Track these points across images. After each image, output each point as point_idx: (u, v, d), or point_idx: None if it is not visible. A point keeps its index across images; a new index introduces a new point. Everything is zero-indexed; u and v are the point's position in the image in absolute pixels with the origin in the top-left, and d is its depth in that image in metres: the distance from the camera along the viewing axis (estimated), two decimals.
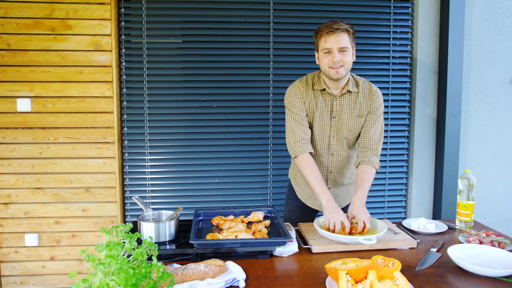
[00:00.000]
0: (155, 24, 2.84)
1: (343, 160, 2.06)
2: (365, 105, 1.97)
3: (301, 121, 1.94)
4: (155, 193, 2.94)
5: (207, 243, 1.53)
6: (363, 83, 2.00)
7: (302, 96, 1.95)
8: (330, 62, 1.81)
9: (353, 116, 1.97)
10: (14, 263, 2.85)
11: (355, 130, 2.00)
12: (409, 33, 3.00)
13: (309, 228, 1.85)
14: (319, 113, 1.97)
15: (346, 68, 1.83)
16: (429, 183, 3.06)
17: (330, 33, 1.78)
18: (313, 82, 1.97)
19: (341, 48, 1.80)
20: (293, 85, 1.99)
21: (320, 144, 2.02)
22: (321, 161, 2.06)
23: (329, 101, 1.96)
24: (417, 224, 1.93)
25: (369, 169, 1.92)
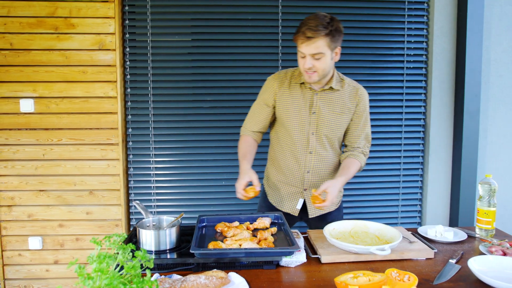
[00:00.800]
0: (160, 22, 2.77)
1: (322, 160, 1.94)
2: (350, 103, 1.89)
3: (262, 112, 1.94)
4: (160, 196, 2.86)
5: (209, 252, 1.44)
6: (350, 82, 1.93)
7: (273, 88, 1.90)
8: (303, 66, 1.75)
9: (335, 113, 1.88)
10: (17, 266, 2.81)
11: (337, 128, 1.90)
12: (424, 29, 2.87)
13: (318, 236, 1.75)
14: (296, 108, 1.88)
15: (320, 74, 1.76)
16: (446, 187, 2.93)
17: (305, 40, 1.68)
18: (292, 75, 1.91)
19: (315, 55, 1.71)
20: (271, 76, 1.96)
21: (298, 141, 1.91)
22: (298, 159, 1.94)
23: (308, 95, 1.87)
24: (434, 232, 1.82)
25: (354, 161, 1.89)
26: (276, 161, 2.03)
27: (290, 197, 2.02)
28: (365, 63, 2.87)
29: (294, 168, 1.95)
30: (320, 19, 1.68)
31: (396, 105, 2.91)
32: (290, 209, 2.02)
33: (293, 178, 1.98)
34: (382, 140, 2.93)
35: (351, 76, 2.83)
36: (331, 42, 1.70)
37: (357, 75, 2.87)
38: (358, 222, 1.79)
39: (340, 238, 1.69)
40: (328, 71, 1.78)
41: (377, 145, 2.93)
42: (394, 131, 2.93)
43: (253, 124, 1.96)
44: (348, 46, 2.84)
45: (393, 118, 2.92)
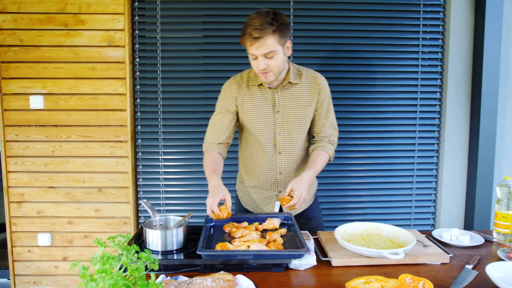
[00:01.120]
0: (170, 19, 2.74)
1: (294, 159, 1.89)
2: (311, 94, 1.84)
3: (225, 120, 1.84)
4: (169, 194, 2.84)
5: (216, 254, 1.40)
6: (307, 71, 1.87)
7: (232, 93, 1.83)
8: (257, 68, 1.69)
9: (299, 107, 1.82)
10: (27, 263, 2.81)
11: (304, 122, 1.85)
12: (440, 26, 2.78)
13: (329, 238, 1.70)
14: (257, 110, 1.82)
15: (275, 72, 1.70)
16: (461, 188, 2.85)
17: (253, 41, 1.61)
18: (249, 77, 1.84)
19: (267, 54, 1.64)
20: (226, 82, 1.88)
21: (266, 143, 1.85)
22: (268, 162, 1.88)
23: (269, 95, 1.82)
24: (449, 236, 1.75)
25: (321, 153, 1.84)
26: (247, 166, 1.98)
27: (266, 202, 1.98)
28: (378, 61, 2.79)
29: (266, 171, 1.90)
30: (263, 16, 1.60)
31: (410, 104, 2.83)
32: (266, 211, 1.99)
33: (266, 182, 1.93)
34: (396, 140, 2.86)
35: (364, 74, 2.80)
36: (280, 38, 1.64)
37: (370, 73, 2.80)
38: (371, 224, 1.74)
39: (351, 240, 1.64)
40: (283, 67, 1.73)
41: (390, 144, 2.86)
42: (408, 130, 2.86)
43: (216, 135, 1.84)
44: (361, 43, 2.77)
45: (407, 117, 2.85)
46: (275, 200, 1.96)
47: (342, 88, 2.81)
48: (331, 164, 2.83)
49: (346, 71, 2.81)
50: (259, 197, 1.98)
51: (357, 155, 2.87)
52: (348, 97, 2.82)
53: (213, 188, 1.65)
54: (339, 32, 2.77)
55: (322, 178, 2.86)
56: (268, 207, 1.98)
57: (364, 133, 2.85)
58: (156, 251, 1.52)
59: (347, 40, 2.78)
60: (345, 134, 2.83)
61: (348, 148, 2.86)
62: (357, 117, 2.83)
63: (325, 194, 2.88)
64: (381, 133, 2.85)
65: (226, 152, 1.89)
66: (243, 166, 2.02)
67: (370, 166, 2.88)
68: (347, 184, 2.88)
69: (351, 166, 2.88)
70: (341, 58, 2.80)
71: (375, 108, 2.83)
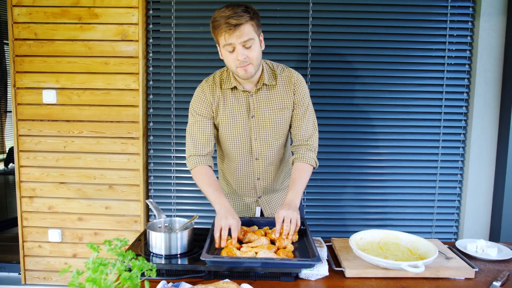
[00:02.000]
0: (185, 13, 2.67)
1: (272, 164, 1.80)
2: (287, 95, 1.71)
3: (205, 127, 1.71)
4: (180, 193, 2.77)
5: (221, 261, 1.31)
6: (282, 71, 1.73)
7: (207, 98, 1.70)
8: (235, 61, 1.55)
9: (275, 110, 1.71)
10: (37, 258, 2.80)
11: (281, 126, 1.74)
12: (469, 22, 2.62)
13: (344, 246, 1.60)
14: (231, 115, 1.70)
15: (255, 65, 1.58)
16: (487, 196, 2.69)
17: (231, 29, 1.49)
18: (222, 80, 1.72)
19: (245, 42, 1.52)
20: (199, 87, 1.74)
21: (241, 150, 1.75)
22: (245, 169, 1.79)
23: (243, 99, 1.70)
24: (475, 247, 1.63)
25: (303, 166, 1.71)
26: (225, 174, 1.90)
27: (246, 208, 1.89)
28: (401, 58, 2.65)
29: (243, 177, 1.82)
30: (235, 7, 1.51)
31: (435, 105, 2.68)
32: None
33: (245, 188, 1.84)
34: (418, 142, 2.72)
35: (386, 72, 2.66)
36: (256, 27, 1.55)
37: (392, 71, 2.67)
38: (389, 233, 1.63)
39: (367, 249, 1.53)
40: (260, 60, 1.61)
41: (412, 147, 2.72)
42: (431, 133, 2.70)
43: (201, 146, 1.71)
44: (384, 39, 2.64)
45: (431, 119, 2.69)
46: (255, 205, 1.89)
47: (364, 87, 2.69)
48: (349, 167, 2.74)
49: (367, 69, 2.68)
50: (240, 204, 1.91)
51: (377, 157, 2.74)
52: (370, 96, 2.69)
53: (226, 209, 1.56)
54: (361, 28, 2.65)
55: (339, 181, 2.75)
56: (249, 213, 1.91)
57: (385, 134, 2.71)
58: (159, 255, 1.45)
59: (369, 36, 2.65)
60: (366, 135, 2.71)
61: (369, 150, 2.73)
62: (378, 117, 2.70)
63: (342, 197, 2.76)
64: (403, 134, 2.71)
65: (213, 163, 1.76)
66: (221, 175, 1.94)
67: (390, 169, 2.74)
68: (366, 188, 2.76)
69: (370, 169, 2.75)
70: (361, 56, 2.67)
71: (397, 109, 2.69)
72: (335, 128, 2.71)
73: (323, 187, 2.75)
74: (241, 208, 1.92)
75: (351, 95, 2.69)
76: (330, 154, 2.72)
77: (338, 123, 2.71)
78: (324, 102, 2.70)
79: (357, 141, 2.73)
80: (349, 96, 2.69)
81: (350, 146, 2.73)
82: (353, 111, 2.70)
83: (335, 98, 2.71)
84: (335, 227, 2.78)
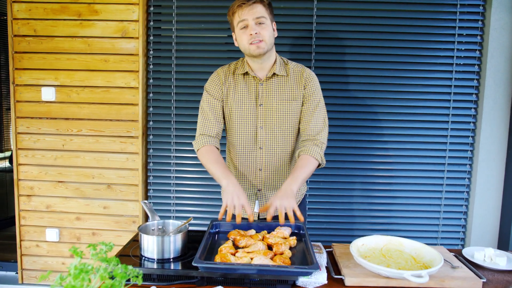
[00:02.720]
0: (187, 10, 2.61)
1: (275, 156, 1.78)
2: (297, 88, 1.74)
3: (216, 108, 1.77)
4: (180, 193, 2.72)
5: (214, 267, 1.25)
6: (295, 65, 1.79)
7: (220, 81, 1.78)
8: (248, 37, 1.62)
9: (283, 101, 1.73)
10: (35, 257, 2.76)
11: (288, 117, 1.74)
12: (479, 21, 2.54)
13: (345, 252, 1.54)
14: (240, 101, 1.75)
15: (267, 43, 1.64)
16: (496, 202, 2.60)
17: (243, 6, 1.61)
18: (236, 67, 1.79)
19: (258, 19, 1.61)
20: (216, 70, 1.83)
21: (245, 137, 1.77)
22: (247, 157, 1.79)
23: (253, 86, 1.75)
24: (483, 256, 1.57)
25: (307, 158, 1.67)
26: (228, 161, 1.89)
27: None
28: (409, 58, 2.57)
29: (245, 166, 1.80)
30: None
31: (442, 106, 2.60)
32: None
33: (245, 178, 1.82)
34: (424, 145, 2.63)
35: (392, 72, 2.59)
36: (268, 10, 1.66)
37: (399, 71, 2.59)
38: (392, 239, 1.56)
39: (369, 256, 1.47)
40: (272, 43, 1.68)
41: (418, 149, 2.64)
42: (439, 135, 2.62)
43: (211, 125, 1.75)
44: (392, 38, 2.56)
45: (438, 121, 2.61)
46: (254, 199, 1.85)
47: (370, 87, 2.61)
48: (353, 169, 2.66)
49: (373, 69, 2.60)
50: None
51: (382, 160, 2.66)
52: (377, 97, 2.61)
53: (235, 186, 1.56)
54: (368, 27, 2.57)
55: (342, 183, 2.67)
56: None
57: (391, 136, 2.63)
58: (151, 259, 1.40)
59: (376, 35, 2.58)
60: (371, 137, 2.64)
61: (372, 152, 2.65)
62: (383, 119, 2.62)
63: (346, 201, 2.69)
64: (409, 137, 2.63)
65: (219, 147, 1.77)
66: (227, 162, 1.92)
67: (396, 172, 2.66)
68: (370, 191, 2.68)
69: (374, 172, 2.67)
70: (368, 55, 2.60)
71: (404, 110, 2.61)
72: (340, 129, 2.64)
73: (326, 190, 2.68)
74: None
75: (357, 95, 2.62)
76: (334, 156, 2.65)
77: (343, 124, 2.64)
78: (329, 103, 2.61)
79: (362, 143, 2.65)
80: (355, 96, 2.61)
81: (355, 148, 2.66)
82: (358, 112, 2.62)
83: (340, 99, 2.63)
84: (337, 231, 2.71)
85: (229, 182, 1.57)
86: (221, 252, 1.35)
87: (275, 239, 1.49)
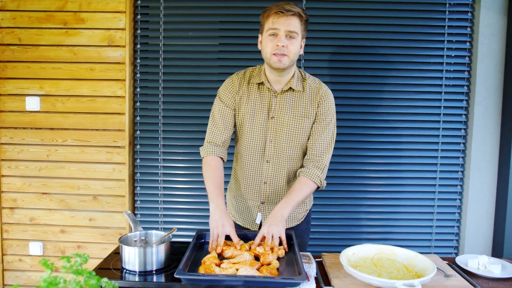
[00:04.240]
0: (174, 18, 2.59)
1: (281, 170, 1.75)
2: (311, 105, 1.71)
3: (227, 115, 1.73)
4: (168, 204, 2.66)
5: (197, 279, 1.20)
6: (312, 81, 1.74)
7: (234, 88, 1.73)
8: (274, 46, 1.57)
9: (296, 117, 1.70)
10: (17, 272, 2.67)
11: (298, 134, 1.71)
12: (468, 28, 2.53)
13: (335, 262, 1.49)
14: (252, 111, 1.71)
15: (290, 59, 1.60)
16: (489, 209, 2.57)
17: (280, 14, 1.55)
18: (252, 75, 1.74)
19: (290, 32, 1.56)
20: (231, 76, 1.78)
21: (254, 148, 1.74)
22: (253, 169, 1.76)
23: (267, 98, 1.71)
24: (476, 264, 1.53)
25: (306, 181, 1.66)
26: (235, 172, 1.86)
27: (248, 212, 1.83)
28: (397, 65, 2.56)
29: (250, 178, 1.78)
30: (293, 3, 1.59)
31: (433, 113, 2.58)
32: (249, 224, 1.83)
33: (249, 190, 1.79)
34: (416, 152, 2.60)
35: (382, 79, 2.57)
36: (303, 26, 1.61)
37: (388, 78, 2.57)
38: (384, 248, 1.52)
39: (360, 266, 1.42)
40: (295, 60, 1.64)
41: (409, 157, 2.61)
42: (430, 142, 2.59)
43: (217, 134, 1.72)
44: (379, 45, 2.55)
45: (429, 127, 2.59)
46: (257, 211, 1.81)
47: (360, 94, 2.59)
48: (342, 177, 2.62)
49: (361, 76, 2.58)
50: (243, 206, 1.84)
51: (372, 168, 2.63)
52: (364, 104, 2.59)
53: (219, 211, 1.54)
54: (355, 34, 2.56)
55: (331, 192, 2.63)
56: (250, 217, 1.83)
57: (381, 143, 2.61)
58: (133, 271, 1.34)
59: (363, 42, 2.56)
60: (360, 145, 2.61)
61: (362, 160, 2.62)
62: (373, 126, 2.59)
63: (335, 210, 2.64)
64: (400, 144, 2.60)
65: (226, 156, 1.76)
66: (234, 170, 1.90)
67: (386, 180, 2.63)
68: (360, 200, 2.63)
69: (365, 180, 2.63)
70: (356, 62, 2.58)
71: (394, 117, 2.59)
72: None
73: (316, 199, 2.62)
74: (244, 210, 1.85)
75: (345, 103, 2.59)
76: None
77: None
78: None
79: (353, 151, 2.62)
80: (344, 104, 2.58)
81: (346, 156, 2.62)
82: (346, 120, 2.59)
83: None
84: (329, 240, 2.66)
85: (216, 207, 1.56)
86: (204, 263, 1.30)
87: (262, 249, 1.44)
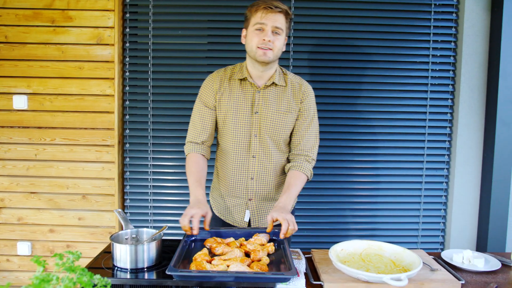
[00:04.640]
0: (163, 16, 2.58)
1: (267, 165, 1.77)
2: (294, 100, 1.75)
3: (205, 116, 1.76)
4: (158, 203, 2.66)
5: (188, 275, 1.21)
6: (293, 77, 1.80)
7: (213, 87, 1.75)
8: (260, 41, 1.62)
9: (279, 112, 1.73)
10: (5, 273, 2.64)
11: (282, 128, 1.74)
12: (453, 28, 2.59)
13: (324, 257, 1.52)
14: (235, 107, 1.73)
15: (275, 54, 1.65)
16: (474, 205, 2.63)
17: (269, 10, 1.61)
18: (233, 72, 1.78)
19: (276, 28, 1.62)
20: (209, 75, 1.81)
21: (239, 144, 1.75)
22: (240, 165, 1.77)
23: (250, 93, 1.74)
24: (461, 258, 1.58)
25: (299, 174, 1.72)
26: (220, 169, 1.86)
27: (235, 209, 1.83)
28: (384, 64, 2.60)
29: (237, 175, 1.78)
30: (279, 1, 1.66)
31: (419, 111, 2.62)
32: (238, 222, 1.84)
33: (236, 187, 1.80)
34: (402, 150, 2.65)
35: (368, 78, 2.60)
36: (288, 24, 1.68)
37: (374, 77, 2.61)
38: (372, 243, 1.55)
39: (348, 261, 1.45)
40: (278, 56, 1.69)
41: (396, 154, 2.65)
42: (416, 140, 2.64)
43: (197, 133, 1.76)
44: (365, 45, 2.59)
45: (415, 126, 2.63)
46: (244, 208, 1.82)
47: (346, 93, 2.62)
48: (329, 175, 2.65)
49: (348, 75, 2.61)
50: (230, 204, 1.85)
51: (358, 165, 2.67)
52: (351, 102, 2.62)
53: (197, 201, 1.60)
54: (342, 33, 2.59)
55: (319, 189, 2.66)
56: (238, 215, 1.83)
57: (367, 141, 2.64)
58: (124, 269, 1.35)
59: (350, 41, 2.60)
60: (347, 143, 2.64)
61: (350, 158, 2.65)
62: (360, 124, 2.63)
63: (322, 207, 2.67)
64: (386, 142, 2.65)
65: (209, 153, 1.80)
66: (216, 169, 1.90)
67: (373, 177, 2.66)
68: (347, 197, 2.67)
69: (352, 177, 2.66)
70: (343, 61, 2.61)
71: (380, 115, 2.63)
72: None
73: (304, 196, 2.65)
74: (231, 208, 1.84)
75: (333, 101, 2.62)
76: None
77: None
78: None
79: (339, 149, 2.65)
80: (332, 102, 2.62)
81: (333, 154, 2.65)
82: (334, 118, 2.62)
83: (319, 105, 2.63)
84: (317, 237, 2.69)
85: (195, 197, 1.62)
86: (196, 260, 1.31)
87: (252, 246, 1.46)
